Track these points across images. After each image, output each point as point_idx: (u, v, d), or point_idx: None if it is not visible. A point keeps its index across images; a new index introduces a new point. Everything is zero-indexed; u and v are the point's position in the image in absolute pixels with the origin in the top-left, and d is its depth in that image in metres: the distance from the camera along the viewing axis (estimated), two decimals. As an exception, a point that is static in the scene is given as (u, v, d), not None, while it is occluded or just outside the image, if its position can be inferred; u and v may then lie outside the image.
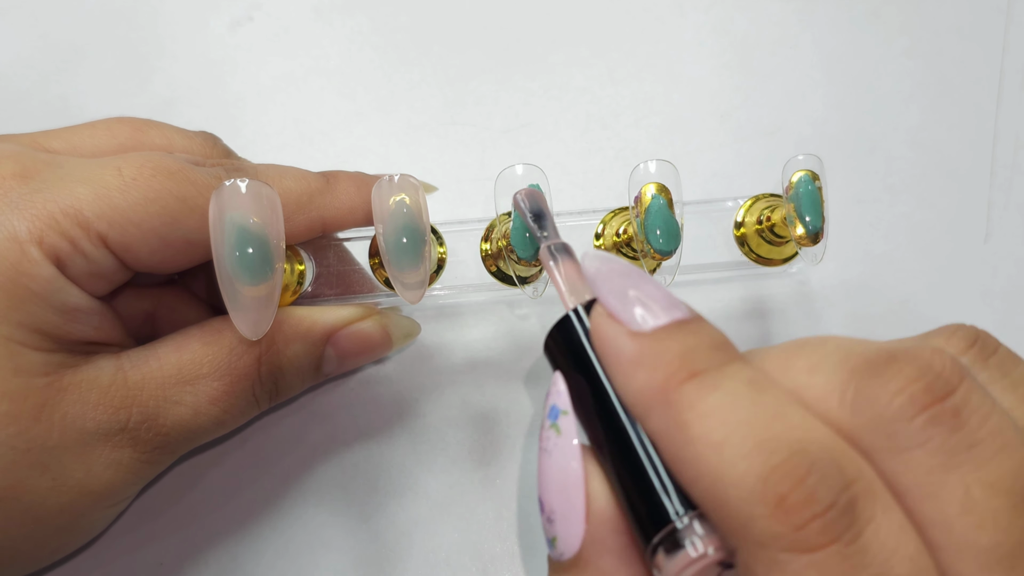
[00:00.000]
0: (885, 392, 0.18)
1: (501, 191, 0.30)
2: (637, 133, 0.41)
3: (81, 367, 0.27)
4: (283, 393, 0.31)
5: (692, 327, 0.20)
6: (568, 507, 0.22)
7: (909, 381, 0.18)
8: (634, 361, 0.20)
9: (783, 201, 0.32)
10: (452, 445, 0.35)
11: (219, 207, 0.26)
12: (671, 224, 0.30)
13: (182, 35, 0.43)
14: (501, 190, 0.30)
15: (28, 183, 0.26)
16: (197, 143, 0.32)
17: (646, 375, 0.20)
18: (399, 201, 0.28)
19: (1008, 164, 0.41)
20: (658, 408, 0.19)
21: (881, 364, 0.19)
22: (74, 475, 0.27)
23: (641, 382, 0.20)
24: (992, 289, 0.39)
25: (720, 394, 0.19)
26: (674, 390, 0.19)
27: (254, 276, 0.25)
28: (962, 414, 0.18)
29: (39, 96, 0.42)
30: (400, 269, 0.28)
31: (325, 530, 0.34)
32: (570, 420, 0.22)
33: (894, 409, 0.18)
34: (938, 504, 0.18)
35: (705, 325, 0.21)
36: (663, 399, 0.19)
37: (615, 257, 0.22)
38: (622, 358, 0.20)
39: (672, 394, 0.19)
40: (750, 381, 0.19)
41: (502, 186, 0.30)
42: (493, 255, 0.33)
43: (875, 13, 0.43)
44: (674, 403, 0.19)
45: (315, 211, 0.30)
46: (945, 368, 0.19)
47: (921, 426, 0.18)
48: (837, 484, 0.17)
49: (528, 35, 0.43)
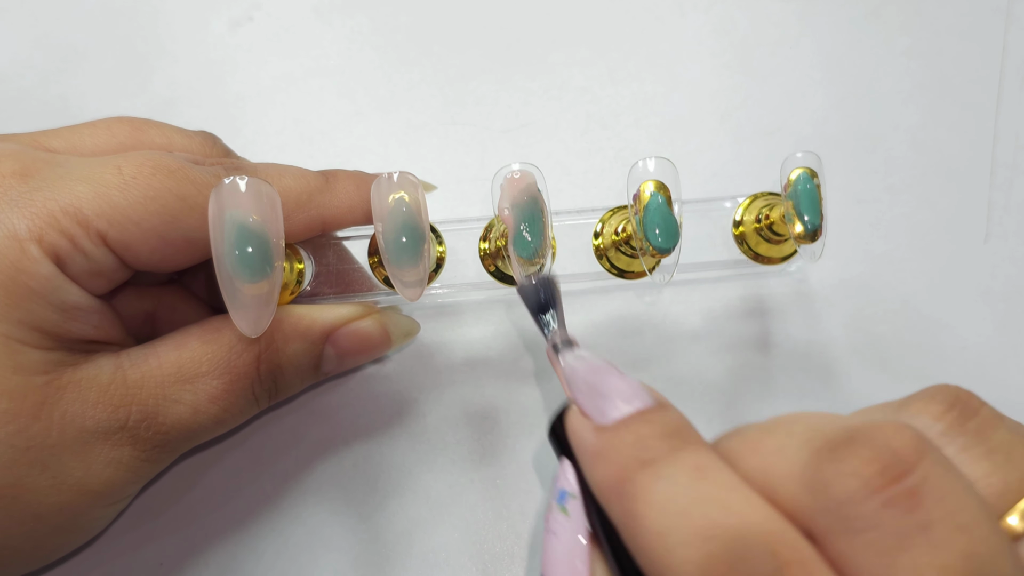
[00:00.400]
0: (840, 475, 0.18)
1: (498, 190, 0.30)
2: (637, 133, 0.41)
3: (81, 365, 0.27)
4: (282, 392, 0.31)
5: (649, 416, 0.21)
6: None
7: (865, 463, 0.18)
8: (595, 454, 0.21)
9: (781, 199, 0.32)
10: (452, 445, 0.35)
11: (219, 205, 0.26)
12: (670, 222, 0.30)
13: (182, 35, 0.43)
14: (498, 189, 0.30)
15: (28, 181, 0.26)
16: (197, 142, 0.32)
17: (603, 467, 0.21)
18: (398, 199, 0.28)
19: (1008, 164, 0.41)
20: (614, 499, 0.20)
21: (840, 445, 0.19)
22: (73, 473, 0.27)
23: (600, 474, 0.21)
24: (992, 289, 0.38)
25: (664, 483, 0.19)
26: (627, 481, 0.20)
27: (253, 274, 0.25)
28: (918, 494, 0.18)
29: (39, 96, 0.42)
30: (399, 267, 0.28)
31: (325, 529, 0.34)
32: (578, 504, 0.23)
33: (848, 491, 0.18)
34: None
35: (663, 413, 0.21)
36: (618, 490, 0.20)
37: (589, 355, 0.24)
38: (587, 452, 0.21)
39: (625, 485, 0.20)
40: (696, 468, 0.20)
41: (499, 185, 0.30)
42: (492, 254, 0.33)
43: (875, 13, 0.43)
44: (626, 494, 0.20)
45: (314, 210, 0.30)
46: (905, 447, 0.18)
47: (875, 508, 0.18)
48: (769, 568, 0.18)
49: (528, 35, 0.43)
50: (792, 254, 0.34)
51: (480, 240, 0.34)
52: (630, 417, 0.21)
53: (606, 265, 0.34)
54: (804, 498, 0.19)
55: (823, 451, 0.19)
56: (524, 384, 0.36)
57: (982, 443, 0.20)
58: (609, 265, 0.34)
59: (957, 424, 0.20)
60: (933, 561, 0.17)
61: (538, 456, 0.35)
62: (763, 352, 0.37)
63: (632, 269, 0.34)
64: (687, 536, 0.18)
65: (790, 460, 0.19)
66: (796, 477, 0.19)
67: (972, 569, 0.17)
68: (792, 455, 0.20)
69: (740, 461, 0.21)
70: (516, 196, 0.29)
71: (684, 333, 0.38)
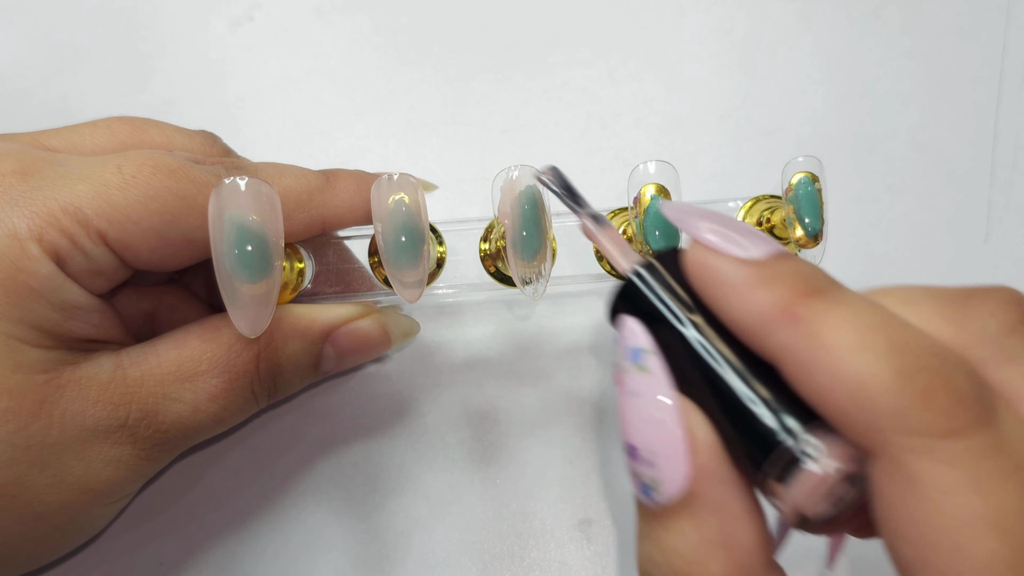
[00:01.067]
0: (986, 311, 0.20)
1: (498, 191, 0.30)
2: (637, 133, 0.41)
3: (80, 364, 0.27)
4: (282, 391, 0.31)
5: (798, 258, 0.21)
6: (670, 444, 0.21)
7: (1004, 302, 0.20)
8: (752, 283, 0.20)
9: (783, 203, 0.32)
10: (452, 444, 0.35)
11: (218, 205, 0.26)
12: (669, 225, 0.30)
13: (182, 35, 0.43)
14: (498, 191, 0.30)
15: (28, 180, 0.26)
16: (197, 142, 0.32)
17: (767, 294, 0.20)
18: (398, 200, 0.28)
19: (1008, 164, 0.41)
20: (784, 323, 0.20)
21: (972, 293, 0.21)
22: (73, 472, 0.27)
23: (763, 302, 0.20)
24: (992, 289, 0.38)
25: (847, 308, 0.19)
26: (800, 304, 0.20)
27: (253, 274, 0.26)
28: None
29: (39, 96, 0.42)
30: (399, 268, 0.28)
31: (324, 529, 0.34)
32: (656, 358, 0.22)
33: (998, 323, 0.20)
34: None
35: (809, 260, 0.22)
36: (789, 314, 0.20)
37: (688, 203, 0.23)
38: (737, 283, 0.20)
39: (798, 308, 0.20)
40: (870, 303, 0.20)
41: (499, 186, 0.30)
42: (492, 255, 0.33)
43: (875, 13, 0.43)
44: (802, 317, 0.19)
45: (315, 209, 0.30)
46: None
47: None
48: (974, 377, 0.18)
49: (528, 35, 0.43)
50: (793, 256, 0.34)
51: (481, 241, 0.34)
52: (780, 254, 0.21)
53: (607, 267, 0.34)
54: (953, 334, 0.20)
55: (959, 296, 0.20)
56: (524, 384, 0.36)
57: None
58: (610, 267, 0.34)
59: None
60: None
61: (538, 456, 0.35)
62: (763, 352, 0.37)
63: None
64: (887, 349, 0.18)
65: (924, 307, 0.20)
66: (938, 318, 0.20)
67: None
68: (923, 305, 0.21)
69: None
70: (516, 199, 0.29)
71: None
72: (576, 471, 0.35)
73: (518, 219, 0.29)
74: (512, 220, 0.29)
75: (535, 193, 0.29)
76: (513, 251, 0.29)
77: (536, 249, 0.29)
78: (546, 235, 0.29)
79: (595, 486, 0.35)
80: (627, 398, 0.22)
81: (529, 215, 0.29)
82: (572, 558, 0.34)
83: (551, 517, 0.34)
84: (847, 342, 0.19)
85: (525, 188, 0.29)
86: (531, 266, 0.29)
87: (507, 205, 0.29)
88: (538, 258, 0.29)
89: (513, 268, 0.29)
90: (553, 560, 0.34)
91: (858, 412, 0.19)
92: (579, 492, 0.35)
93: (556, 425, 0.36)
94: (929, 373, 0.18)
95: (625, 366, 0.22)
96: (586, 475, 0.35)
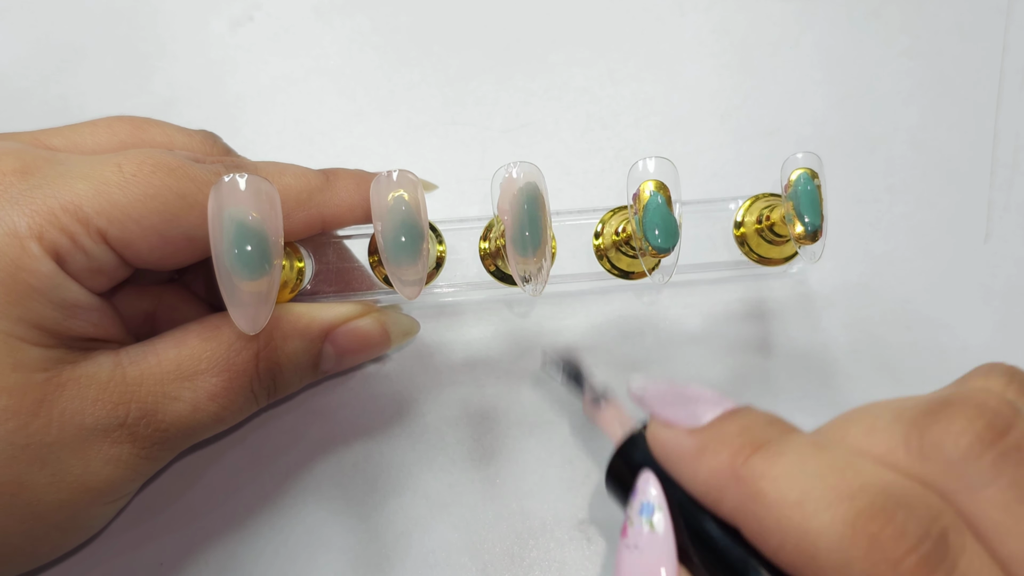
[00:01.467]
0: (949, 435, 0.19)
1: (497, 188, 0.30)
2: (637, 133, 0.41)
3: (80, 363, 0.27)
4: (281, 390, 0.31)
5: (744, 411, 0.21)
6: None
7: (970, 421, 0.19)
8: (697, 451, 0.21)
9: (782, 200, 0.32)
10: (452, 444, 0.35)
11: (218, 203, 0.26)
12: (669, 221, 0.30)
13: (182, 35, 0.43)
14: (497, 188, 0.30)
15: (28, 179, 0.26)
16: (197, 141, 0.32)
17: (711, 459, 0.21)
18: (397, 197, 0.28)
19: (1008, 164, 0.41)
20: (730, 486, 0.20)
21: (938, 410, 0.19)
22: (73, 471, 0.27)
23: (708, 467, 0.21)
24: (992, 289, 0.38)
25: (788, 458, 0.19)
26: (742, 466, 0.20)
27: (252, 271, 0.26)
28: None
29: (39, 96, 0.42)
30: (398, 265, 0.28)
31: (324, 529, 0.34)
32: (666, 518, 0.22)
33: (962, 450, 0.19)
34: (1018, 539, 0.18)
35: (756, 409, 0.22)
36: (733, 477, 0.20)
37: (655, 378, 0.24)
38: (685, 453, 0.21)
39: (741, 470, 0.20)
40: (813, 444, 0.20)
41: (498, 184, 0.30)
42: (492, 254, 0.33)
43: (875, 13, 0.43)
44: (745, 477, 0.20)
45: (314, 208, 0.30)
46: (1000, 405, 0.19)
47: (991, 463, 0.18)
48: (926, 517, 0.18)
49: (528, 35, 0.43)
50: (793, 255, 0.34)
51: (480, 240, 0.34)
52: (727, 412, 0.22)
53: (606, 265, 0.34)
54: (915, 464, 0.19)
55: (923, 418, 0.19)
56: (524, 384, 0.36)
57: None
58: (610, 266, 0.34)
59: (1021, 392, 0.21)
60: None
61: (538, 456, 0.35)
62: (763, 353, 0.37)
63: (632, 269, 0.34)
64: (830, 499, 0.18)
65: (886, 435, 0.20)
66: (900, 448, 0.19)
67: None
68: (887, 431, 0.20)
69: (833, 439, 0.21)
70: (516, 195, 0.29)
71: (685, 334, 0.38)
72: (576, 471, 0.35)
73: (517, 216, 0.29)
74: (511, 217, 0.29)
75: (534, 190, 0.29)
76: (513, 248, 0.29)
77: (536, 245, 0.29)
78: (545, 231, 0.29)
79: (595, 486, 0.35)
80: (628, 551, 0.23)
81: (528, 212, 0.29)
82: (572, 558, 0.34)
83: (551, 517, 0.34)
84: (789, 497, 0.19)
85: (524, 184, 0.29)
86: (531, 262, 0.29)
87: (506, 202, 0.29)
88: (537, 254, 0.29)
89: (513, 265, 0.29)
90: (553, 560, 0.34)
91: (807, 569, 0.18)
92: (579, 492, 0.35)
93: (556, 425, 0.36)
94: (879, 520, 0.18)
95: (633, 518, 0.23)
96: (586, 475, 0.35)
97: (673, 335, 0.38)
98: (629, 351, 0.37)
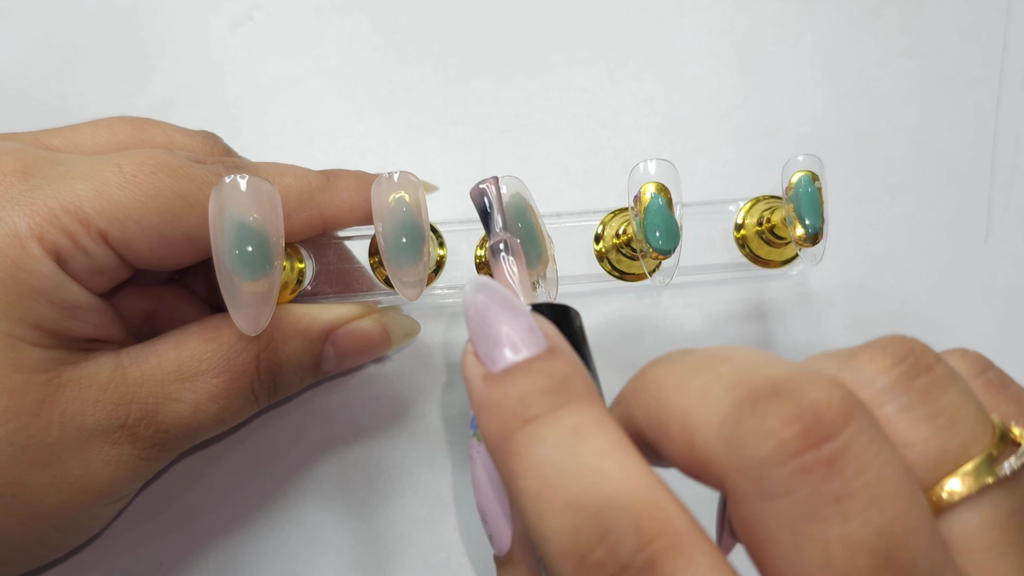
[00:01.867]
0: (757, 433, 0.17)
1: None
2: (637, 133, 0.41)
3: (80, 364, 0.27)
4: (282, 391, 0.31)
5: (535, 366, 0.20)
6: (495, 508, 0.23)
7: (785, 423, 0.17)
8: (481, 406, 0.20)
9: (782, 202, 0.32)
10: (452, 445, 0.35)
11: (219, 203, 0.26)
12: (670, 223, 0.30)
13: (182, 35, 0.43)
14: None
15: (29, 179, 0.26)
16: (198, 141, 0.32)
17: (488, 421, 0.20)
18: (398, 199, 0.28)
19: (1008, 164, 0.41)
20: (497, 455, 0.20)
21: (762, 399, 0.17)
22: (73, 472, 0.27)
23: (485, 428, 0.20)
24: (992, 289, 0.39)
25: (542, 446, 0.19)
26: (508, 438, 0.19)
27: (253, 272, 0.26)
28: (837, 462, 0.16)
29: (39, 96, 0.42)
30: (399, 266, 0.28)
31: (324, 529, 0.34)
32: None
33: (763, 453, 0.17)
34: (793, 560, 0.16)
35: (551, 362, 0.20)
36: (501, 447, 0.19)
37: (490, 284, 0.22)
38: (475, 402, 0.20)
39: (507, 443, 0.19)
40: (574, 430, 0.19)
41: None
42: (487, 263, 0.33)
43: (875, 13, 0.43)
44: (506, 453, 0.19)
45: (315, 209, 0.30)
46: (831, 408, 0.17)
47: (789, 474, 0.16)
48: (633, 543, 0.17)
49: (528, 35, 0.43)
50: (793, 257, 0.34)
51: (477, 247, 0.34)
52: (516, 367, 0.20)
53: (607, 267, 0.34)
54: (720, 452, 0.18)
55: (744, 403, 0.17)
56: (524, 384, 0.36)
57: (927, 404, 0.19)
58: (610, 267, 0.34)
59: (904, 380, 0.19)
60: (843, 535, 0.16)
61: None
62: (763, 352, 0.37)
63: (633, 271, 0.34)
64: (559, 504, 0.17)
65: (712, 407, 0.18)
66: (715, 427, 0.18)
67: (883, 546, 0.16)
68: (715, 401, 0.18)
69: (662, 396, 0.20)
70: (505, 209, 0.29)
71: (685, 335, 0.38)
72: (576, 471, 0.35)
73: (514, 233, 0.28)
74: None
75: (523, 203, 0.29)
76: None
77: (537, 255, 0.29)
78: (544, 241, 0.29)
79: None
80: (471, 462, 0.23)
81: (524, 228, 0.29)
82: (572, 558, 0.34)
83: (551, 517, 0.34)
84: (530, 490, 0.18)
85: (511, 198, 0.29)
86: (536, 271, 0.29)
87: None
88: (541, 262, 0.29)
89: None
90: (553, 560, 0.34)
91: None
92: (579, 492, 0.35)
93: (556, 425, 0.36)
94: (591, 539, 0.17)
95: (470, 433, 0.23)
96: (586, 475, 0.35)
97: (674, 336, 0.37)
98: (630, 352, 0.37)
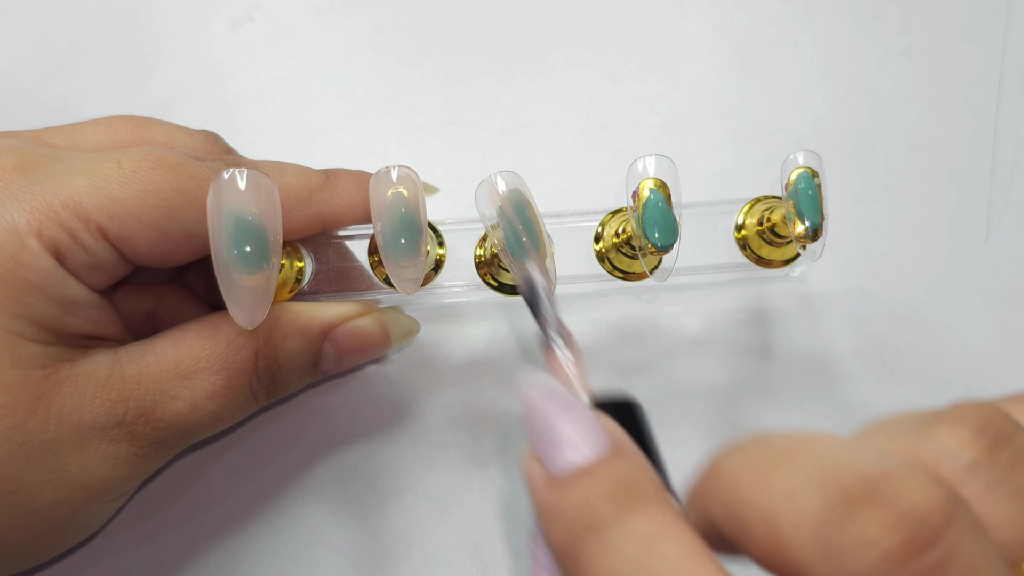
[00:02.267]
0: (857, 542, 0.16)
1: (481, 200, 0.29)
2: (637, 133, 0.41)
3: (78, 360, 0.27)
4: (280, 389, 0.31)
5: (599, 470, 0.19)
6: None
7: (886, 530, 0.16)
8: (546, 513, 0.20)
9: (782, 200, 0.32)
10: (452, 445, 0.35)
11: (217, 198, 0.26)
12: (669, 219, 0.30)
13: (182, 35, 0.43)
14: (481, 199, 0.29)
15: (28, 176, 0.26)
16: (198, 140, 0.32)
17: (553, 529, 0.19)
18: (396, 193, 0.28)
19: (1008, 164, 0.41)
20: (566, 566, 0.19)
21: (858, 502, 0.16)
22: (70, 469, 0.27)
23: (551, 536, 0.19)
24: (992, 289, 0.38)
25: (613, 557, 0.18)
26: (576, 549, 0.19)
27: (250, 266, 0.25)
28: (943, 569, 0.15)
29: (39, 96, 0.42)
30: (397, 261, 0.28)
31: (324, 529, 0.34)
32: None
33: (866, 564, 0.16)
34: None
35: (616, 464, 0.20)
36: (569, 557, 0.19)
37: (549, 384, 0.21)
38: (540, 509, 0.20)
39: (574, 554, 0.19)
40: (643, 539, 0.18)
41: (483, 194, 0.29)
42: (487, 262, 0.33)
43: (875, 13, 0.43)
44: (576, 563, 0.18)
45: (315, 207, 0.30)
46: (934, 510, 0.16)
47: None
48: None
49: (528, 35, 0.43)
50: (795, 257, 0.34)
51: (476, 247, 0.34)
52: (580, 471, 0.19)
53: (608, 268, 0.34)
54: (815, 560, 0.16)
55: (838, 507, 0.16)
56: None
57: (1014, 480, 0.18)
58: (611, 267, 0.34)
59: (988, 455, 0.18)
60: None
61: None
62: (764, 354, 0.37)
63: (633, 270, 0.34)
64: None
65: (801, 509, 0.17)
66: (807, 532, 0.17)
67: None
68: (804, 503, 0.17)
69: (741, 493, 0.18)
70: (503, 204, 0.29)
71: (685, 337, 0.37)
72: (576, 471, 0.35)
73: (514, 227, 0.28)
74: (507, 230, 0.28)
75: (520, 198, 0.29)
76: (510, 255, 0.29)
77: (536, 249, 0.29)
78: (541, 236, 0.29)
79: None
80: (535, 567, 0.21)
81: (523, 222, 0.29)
82: (572, 558, 0.34)
83: (551, 517, 0.34)
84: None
85: (509, 193, 0.29)
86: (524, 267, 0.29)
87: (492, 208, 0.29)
88: (538, 258, 0.29)
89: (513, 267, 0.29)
90: (553, 560, 0.34)
91: None
92: (579, 492, 0.35)
93: (556, 424, 0.36)
94: None
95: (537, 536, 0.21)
96: (586, 474, 0.35)
97: (674, 337, 0.37)
98: (630, 353, 0.37)
